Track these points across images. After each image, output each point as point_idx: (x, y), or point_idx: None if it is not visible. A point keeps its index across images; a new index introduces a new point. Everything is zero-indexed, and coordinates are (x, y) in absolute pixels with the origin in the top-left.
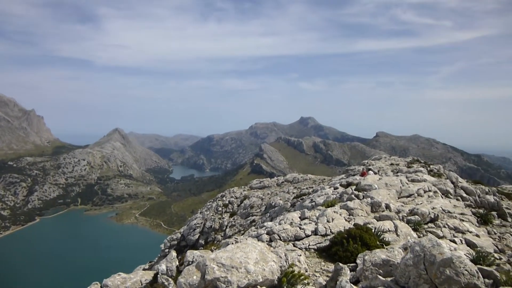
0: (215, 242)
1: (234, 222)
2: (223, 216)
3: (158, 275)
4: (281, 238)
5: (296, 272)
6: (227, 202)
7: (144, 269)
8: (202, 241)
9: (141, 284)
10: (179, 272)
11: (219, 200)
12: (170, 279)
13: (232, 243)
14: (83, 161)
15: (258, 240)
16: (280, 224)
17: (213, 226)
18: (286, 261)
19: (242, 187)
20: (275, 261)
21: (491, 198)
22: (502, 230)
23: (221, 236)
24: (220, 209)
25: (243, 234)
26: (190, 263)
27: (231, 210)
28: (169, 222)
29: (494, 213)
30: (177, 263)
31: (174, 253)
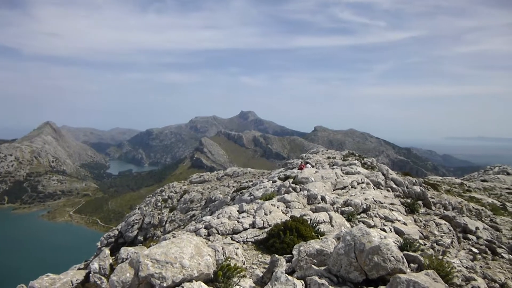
0: (155, 238)
1: (174, 217)
2: (163, 211)
3: (90, 274)
4: (219, 232)
5: (232, 265)
6: (166, 197)
7: (79, 269)
8: (141, 238)
9: (72, 285)
10: (112, 270)
11: (158, 195)
12: (103, 277)
13: (170, 239)
14: (10, 156)
15: (196, 235)
16: (218, 218)
17: (152, 222)
18: (223, 255)
19: (182, 181)
20: (211, 255)
21: (417, 188)
22: (427, 218)
23: (161, 232)
24: (159, 204)
25: (183, 229)
26: (124, 260)
27: (170, 205)
28: (106, 219)
29: (420, 202)
30: (111, 261)
31: (107, 251)
